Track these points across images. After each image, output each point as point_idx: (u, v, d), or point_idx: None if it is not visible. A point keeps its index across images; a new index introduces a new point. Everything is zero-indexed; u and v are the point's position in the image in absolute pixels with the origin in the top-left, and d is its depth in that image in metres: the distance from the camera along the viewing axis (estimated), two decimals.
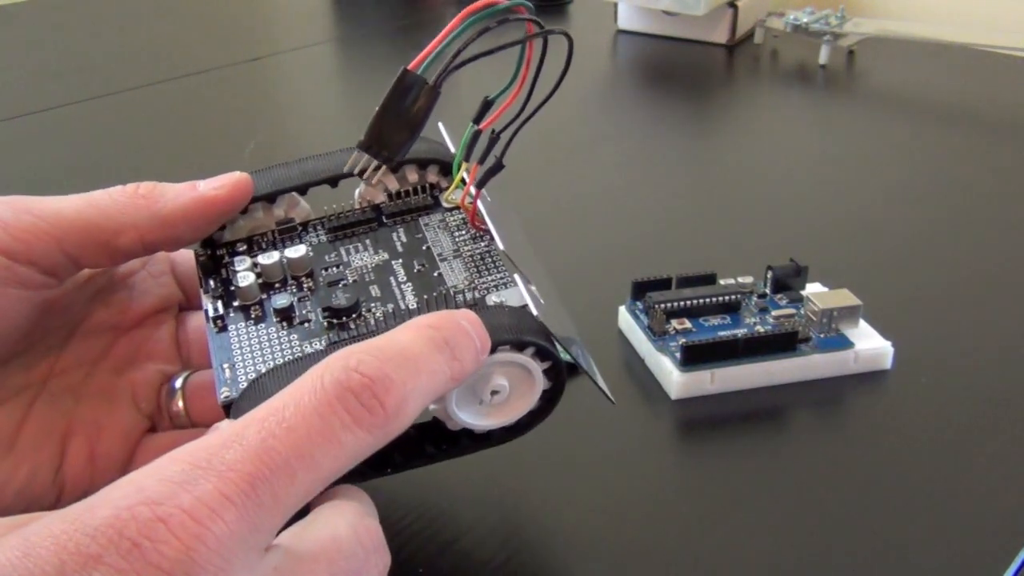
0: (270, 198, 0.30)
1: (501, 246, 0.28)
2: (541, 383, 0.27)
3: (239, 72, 0.76)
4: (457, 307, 0.26)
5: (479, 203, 0.29)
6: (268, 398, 0.23)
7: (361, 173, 0.31)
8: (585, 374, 0.28)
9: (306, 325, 0.27)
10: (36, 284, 0.27)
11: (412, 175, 0.32)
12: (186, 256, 0.32)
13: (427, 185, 0.32)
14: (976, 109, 0.66)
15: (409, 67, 0.27)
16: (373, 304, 0.28)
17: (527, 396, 0.27)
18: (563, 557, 0.29)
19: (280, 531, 0.21)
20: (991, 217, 0.51)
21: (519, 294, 0.27)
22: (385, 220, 0.31)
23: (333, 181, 0.31)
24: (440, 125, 0.32)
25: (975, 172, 0.56)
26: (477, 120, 0.29)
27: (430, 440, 0.28)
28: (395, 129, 0.28)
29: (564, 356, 0.37)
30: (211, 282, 0.29)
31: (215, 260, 0.30)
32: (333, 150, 0.32)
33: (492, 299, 0.28)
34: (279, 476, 0.20)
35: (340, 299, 0.27)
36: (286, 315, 0.28)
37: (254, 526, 0.19)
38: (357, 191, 0.32)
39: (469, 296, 0.28)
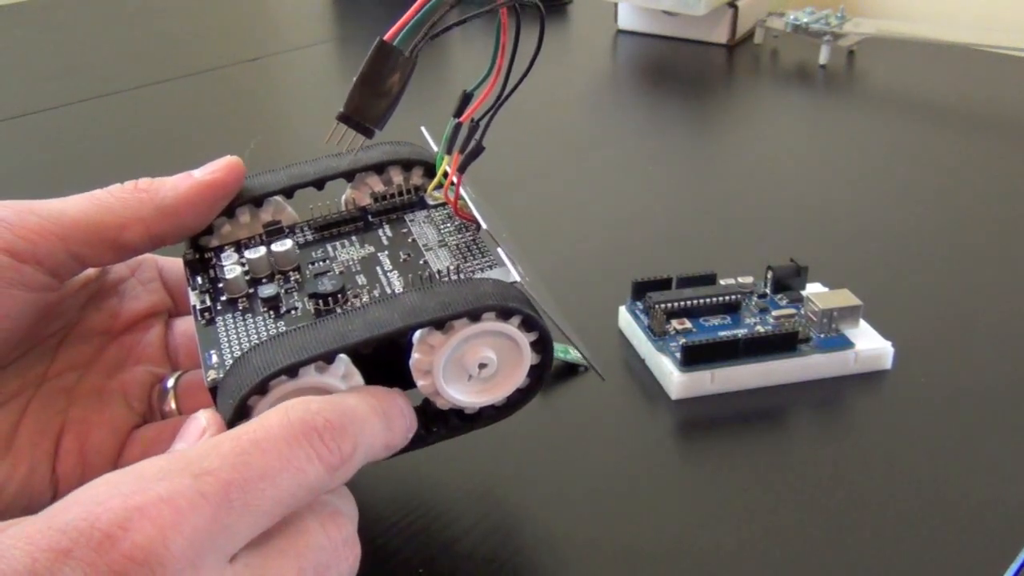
0: (257, 202, 0.31)
1: (484, 225, 0.28)
2: (529, 356, 0.27)
3: (239, 72, 0.76)
4: (442, 287, 0.26)
5: (461, 189, 0.29)
6: (253, 373, 0.24)
7: (357, 172, 0.31)
8: (577, 350, 0.28)
9: (293, 312, 0.28)
10: (39, 285, 0.27)
11: (397, 177, 0.32)
12: (174, 264, 0.33)
13: (412, 188, 0.32)
14: (976, 109, 0.66)
15: (385, 38, 0.28)
16: (360, 289, 0.28)
17: (515, 371, 0.27)
18: (563, 557, 0.29)
19: None
20: (991, 217, 0.51)
21: (506, 273, 0.27)
22: (371, 219, 0.31)
23: (319, 183, 0.31)
24: (423, 129, 0.32)
25: (975, 172, 0.56)
26: (458, 114, 0.29)
27: (419, 422, 0.28)
28: (373, 100, 0.28)
29: (563, 355, 0.37)
30: (199, 279, 0.29)
31: (203, 261, 0.30)
32: (320, 156, 0.32)
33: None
34: (251, 488, 0.20)
35: (326, 285, 0.28)
36: (273, 304, 0.28)
37: (225, 527, 0.19)
38: (344, 196, 0.32)
39: (455, 278, 0.28)
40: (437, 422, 0.28)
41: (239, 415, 0.24)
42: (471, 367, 0.26)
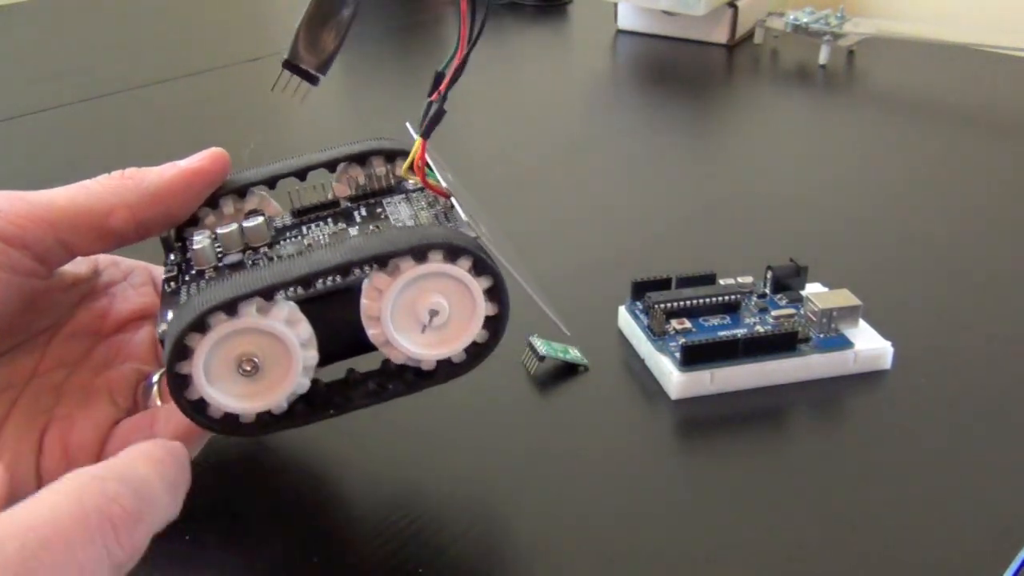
0: (240, 192, 0.31)
1: (443, 183, 0.28)
2: (483, 306, 0.26)
3: (239, 72, 0.76)
4: (391, 231, 0.26)
5: (427, 157, 0.30)
6: (191, 310, 0.23)
7: (340, 162, 0.31)
8: (538, 303, 0.27)
9: None
10: (27, 271, 0.27)
11: (380, 168, 0.32)
12: None
13: (395, 179, 0.33)
14: (976, 109, 0.66)
15: None
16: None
17: (470, 321, 0.26)
18: (563, 557, 0.29)
19: None
20: (991, 217, 0.51)
21: (469, 231, 0.27)
22: (349, 205, 0.32)
23: (302, 174, 0.32)
24: (408, 124, 0.33)
25: (975, 172, 0.56)
26: (431, 93, 0.29)
27: (373, 377, 0.27)
28: (317, 46, 0.29)
29: (562, 355, 0.37)
30: (171, 256, 0.30)
31: (181, 246, 0.31)
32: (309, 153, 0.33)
33: None
34: None
35: (288, 249, 0.28)
36: (237, 271, 0.28)
37: None
38: (330, 191, 0.32)
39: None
40: (393, 379, 0.27)
41: (179, 355, 0.24)
42: (422, 314, 0.26)
